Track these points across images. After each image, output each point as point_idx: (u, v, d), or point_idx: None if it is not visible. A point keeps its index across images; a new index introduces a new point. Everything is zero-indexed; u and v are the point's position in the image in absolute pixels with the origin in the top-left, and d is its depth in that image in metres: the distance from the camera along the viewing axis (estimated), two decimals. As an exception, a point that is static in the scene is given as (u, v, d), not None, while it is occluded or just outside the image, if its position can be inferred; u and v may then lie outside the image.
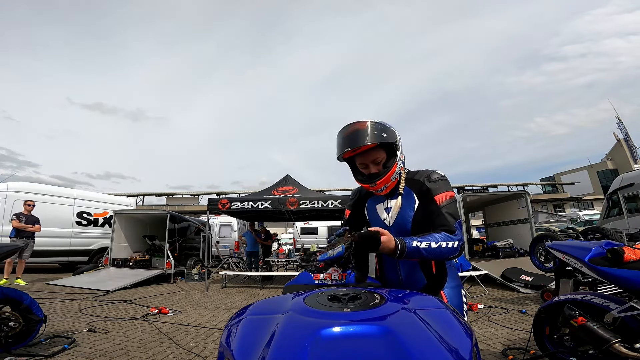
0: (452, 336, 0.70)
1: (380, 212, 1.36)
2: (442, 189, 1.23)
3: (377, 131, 1.18)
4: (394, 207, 1.29)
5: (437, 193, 1.22)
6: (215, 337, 3.51)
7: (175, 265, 8.06)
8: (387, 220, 1.32)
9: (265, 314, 0.83)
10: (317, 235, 18.10)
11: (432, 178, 1.26)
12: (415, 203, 1.26)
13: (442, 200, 1.21)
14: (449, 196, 1.22)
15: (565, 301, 2.18)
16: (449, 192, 1.24)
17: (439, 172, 1.29)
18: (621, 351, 1.79)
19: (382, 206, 1.35)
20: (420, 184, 1.27)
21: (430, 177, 1.26)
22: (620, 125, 41.07)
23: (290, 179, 8.38)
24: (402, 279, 1.31)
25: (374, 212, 1.38)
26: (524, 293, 5.60)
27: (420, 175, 1.29)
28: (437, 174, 1.28)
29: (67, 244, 9.11)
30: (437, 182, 1.25)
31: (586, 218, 15.54)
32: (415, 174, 1.31)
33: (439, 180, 1.25)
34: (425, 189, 1.25)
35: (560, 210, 34.80)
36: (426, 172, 1.29)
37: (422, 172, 1.31)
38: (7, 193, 8.23)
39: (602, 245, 2.24)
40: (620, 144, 39.34)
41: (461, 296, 1.29)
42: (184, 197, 42.51)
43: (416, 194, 1.27)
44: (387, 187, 1.27)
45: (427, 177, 1.26)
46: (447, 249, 1.11)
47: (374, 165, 1.25)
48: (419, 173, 1.31)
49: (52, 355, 2.81)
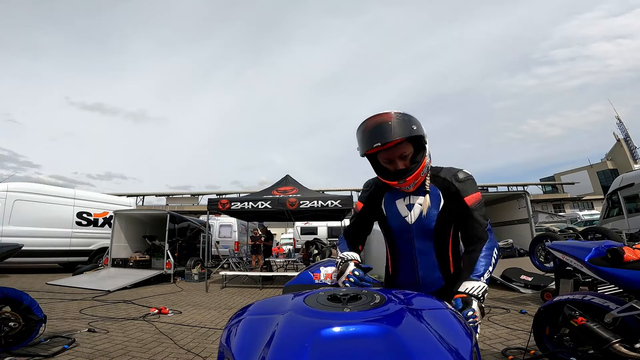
0: (452, 336, 0.70)
1: (401, 209, 1.26)
2: (470, 190, 1.19)
3: (405, 123, 1.09)
4: (423, 204, 1.21)
5: (466, 194, 1.18)
6: (215, 337, 3.52)
7: (175, 265, 8.07)
8: (409, 218, 1.24)
9: (265, 314, 0.83)
10: (317, 236, 18.07)
11: (459, 178, 1.20)
12: (441, 202, 1.20)
13: (472, 202, 1.17)
14: (478, 198, 1.19)
15: (565, 301, 2.18)
16: (477, 193, 1.20)
17: (466, 171, 1.23)
18: (621, 351, 1.79)
19: (404, 202, 1.26)
20: (447, 183, 1.21)
21: (457, 176, 1.20)
22: (620, 125, 41.06)
23: (290, 179, 8.38)
24: (419, 280, 1.25)
25: (392, 208, 1.28)
26: (524, 293, 5.60)
27: (445, 173, 1.23)
28: (464, 173, 1.22)
29: (67, 244, 9.12)
30: (466, 183, 1.20)
31: (586, 218, 15.53)
32: (440, 171, 1.24)
33: (467, 180, 1.20)
34: (454, 190, 1.19)
35: (560, 210, 34.78)
36: (452, 171, 1.23)
37: (447, 169, 1.25)
38: (7, 193, 8.24)
39: (602, 245, 2.24)
40: (620, 144, 39.32)
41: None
42: (183, 197, 42.49)
43: (442, 193, 1.21)
44: (415, 184, 1.19)
45: (454, 177, 1.20)
46: (495, 261, 1.13)
47: (400, 160, 1.15)
48: (443, 170, 1.25)
49: (52, 355, 2.81)
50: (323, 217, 11.44)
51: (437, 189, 1.21)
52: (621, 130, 40.60)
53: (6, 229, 7.93)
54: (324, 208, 7.28)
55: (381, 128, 1.08)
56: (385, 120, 1.08)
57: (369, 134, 1.11)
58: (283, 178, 8.43)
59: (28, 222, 8.35)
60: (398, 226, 1.27)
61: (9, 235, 7.80)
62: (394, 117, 1.09)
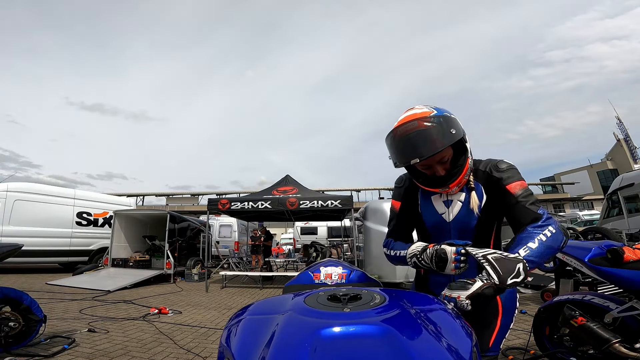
0: (452, 336, 0.70)
1: (437, 206, 1.18)
2: (513, 177, 1.07)
3: (443, 128, 0.99)
4: (472, 203, 1.12)
5: (509, 182, 1.06)
6: (215, 337, 3.51)
7: (175, 265, 8.06)
8: (446, 216, 1.16)
9: (265, 314, 0.83)
10: (317, 236, 18.07)
11: (500, 167, 1.10)
12: (484, 198, 1.11)
13: (516, 189, 1.04)
14: (523, 185, 1.05)
15: (565, 301, 2.18)
16: (522, 182, 1.07)
17: (507, 161, 1.12)
18: (621, 351, 1.79)
19: (440, 198, 1.18)
20: (487, 174, 1.11)
21: (498, 166, 1.10)
22: (620, 125, 41.10)
23: (290, 179, 8.37)
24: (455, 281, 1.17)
25: (428, 205, 1.20)
26: (524, 293, 5.59)
27: (484, 166, 1.13)
28: (506, 163, 1.11)
29: (67, 244, 9.12)
30: (507, 171, 1.08)
31: (586, 218, 15.53)
32: (479, 164, 1.15)
33: (509, 169, 1.09)
34: (494, 179, 1.09)
35: (560, 210, 34.80)
36: (491, 162, 1.13)
37: (485, 161, 1.15)
38: (7, 193, 8.24)
39: (602, 245, 2.23)
40: (620, 144, 39.33)
41: (516, 300, 1.16)
42: (183, 197, 42.53)
43: (484, 187, 1.11)
44: (459, 187, 1.12)
45: (493, 167, 1.10)
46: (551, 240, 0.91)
47: (440, 165, 1.07)
48: (482, 163, 1.15)
49: (52, 355, 2.81)
50: (323, 217, 11.44)
51: (479, 184, 1.12)
52: (621, 130, 40.64)
53: (6, 229, 7.93)
54: (324, 208, 7.28)
55: (417, 139, 0.98)
56: (421, 129, 0.98)
57: (404, 146, 1.01)
58: (283, 178, 8.43)
59: (28, 222, 8.35)
60: (434, 224, 1.19)
61: (9, 235, 7.80)
62: (431, 122, 0.99)
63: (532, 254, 0.88)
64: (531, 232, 0.93)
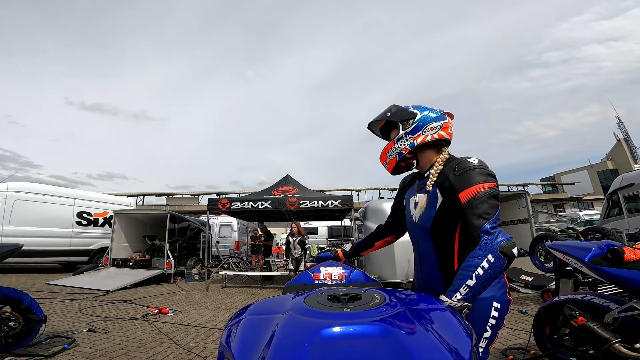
0: (452, 336, 0.70)
1: (411, 207, 1.22)
2: (467, 183, 1.00)
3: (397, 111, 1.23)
4: (419, 204, 1.15)
5: (461, 190, 1.01)
6: (215, 337, 3.51)
7: (175, 265, 8.07)
8: (414, 217, 1.18)
9: (265, 314, 0.83)
10: (317, 235, 18.06)
11: (458, 169, 1.04)
12: (439, 200, 1.08)
13: (466, 198, 0.99)
14: (474, 193, 0.98)
15: (565, 301, 2.18)
16: (476, 187, 0.99)
17: (470, 160, 1.05)
18: (621, 351, 1.79)
19: (413, 200, 1.21)
20: (444, 177, 1.07)
21: (457, 167, 1.05)
22: (620, 125, 41.09)
23: (290, 179, 8.37)
24: (422, 283, 1.21)
25: (407, 206, 1.27)
26: (524, 293, 5.59)
27: (451, 166, 1.08)
28: (466, 163, 1.04)
29: (67, 244, 9.12)
30: (464, 175, 1.02)
31: (586, 218, 15.54)
32: (448, 163, 1.11)
33: (467, 171, 1.02)
34: (448, 185, 1.05)
35: (560, 210, 34.78)
36: (457, 161, 1.08)
37: (455, 160, 1.10)
38: (7, 193, 8.24)
39: (602, 245, 2.23)
40: (620, 144, 39.32)
41: (489, 310, 1.03)
42: (184, 197, 42.48)
43: (439, 189, 1.09)
44: (388, 165, 1.26)
45: (455, 168, 1.06)
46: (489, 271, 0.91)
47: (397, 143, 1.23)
48: (453, 161, 1.10)
49: (52, 355, 2.81)
50: (323, 217, 11.43)
51: (435, 186, 1.10)
52: (621, 130, 40.63)
53: (6, 229, 7.93)
54: (324, 208, 7.28)
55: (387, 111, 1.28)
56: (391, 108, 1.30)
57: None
58: (283, 178, 8.43)
59: (28, 222, 8.35)
60: (408, 224, 1.26)
61: (9, 235, 7.80)
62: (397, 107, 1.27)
63: (472, 291, 0.94)
64: (470, 264, 0.94)
